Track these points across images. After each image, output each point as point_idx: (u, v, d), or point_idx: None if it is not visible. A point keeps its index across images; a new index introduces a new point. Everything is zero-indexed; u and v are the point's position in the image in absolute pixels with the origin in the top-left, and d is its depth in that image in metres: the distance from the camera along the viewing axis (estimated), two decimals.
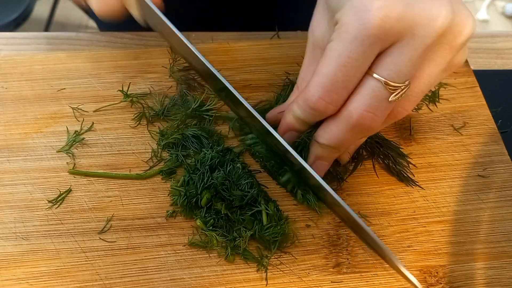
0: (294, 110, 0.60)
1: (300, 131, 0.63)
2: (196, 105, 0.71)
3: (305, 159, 0.62)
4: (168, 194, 0.67)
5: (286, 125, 0.62)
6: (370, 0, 0.51)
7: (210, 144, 0.69)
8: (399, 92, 0.54)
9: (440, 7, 0.52)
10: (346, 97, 0.55)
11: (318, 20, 0.61)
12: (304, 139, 0.62)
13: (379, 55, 0.53)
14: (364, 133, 0.57)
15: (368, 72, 0.54)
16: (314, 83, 0.55)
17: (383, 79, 0.53)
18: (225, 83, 0.63)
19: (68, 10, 2.60)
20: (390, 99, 0.54)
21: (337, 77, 0.54)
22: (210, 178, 0.65)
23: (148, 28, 0.85)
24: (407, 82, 0.54)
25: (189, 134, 0.69)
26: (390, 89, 0.54)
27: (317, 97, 0.55)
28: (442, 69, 0.56)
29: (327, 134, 0.59)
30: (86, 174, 0.68)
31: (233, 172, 0.65)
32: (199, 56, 0.63)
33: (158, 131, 0.71)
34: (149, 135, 0.71)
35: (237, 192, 0.64)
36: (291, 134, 0.63)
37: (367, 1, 0.51)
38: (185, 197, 0.64)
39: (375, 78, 0.54)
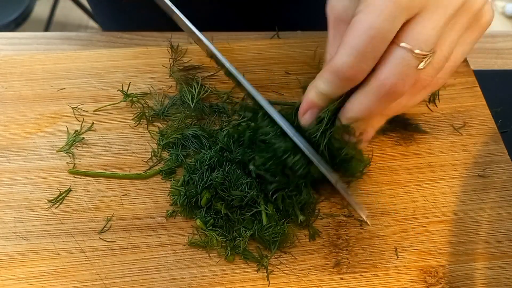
0: (318, 86, 0.61)
1: (320, 108, 0.63)
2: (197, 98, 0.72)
3: None
4: (168, 194, 0.67)
5: (309, 103, 0.63)
6: None
7: (209, 144, 0.69)
8: (427, 59, 0.56)
9: None
10: (373, 66, 0.57)
11: None
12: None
13: (405, 25, 0.55)
14: (392, 100, 0.59)
15: (395, 41, 0.56)
16: (343, 54, 0.56)
17: (412, 48, 0.55)
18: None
19: (68, 10, 2.60)
20: (418, 67, 0.56)
21: (367, 48, 0.55)
22: (210, 178, 0.64)
23: (148, 28, 0.86)
24: (432, 50, 0.56)
25: (189, 134, 0.69)
26: (418, 57, 0.55)
27: (347, 67, 0.56)
28: (461, 35, 0.59)
29: (356, 106, 0.60)
30: (86, 174, 0.68)
31: (231, 172, 0.65)
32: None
33: (157, 131, 0.71)
34: (149, 135, 0.71)
35: (237, 192, 0.63)
36: (312, 112, 0.64)
37: None
38: (185, 197, 0.64)
39: (403, 47, 0.55)
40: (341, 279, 0.62)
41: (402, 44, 0.55)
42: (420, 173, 0.70)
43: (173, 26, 0.84)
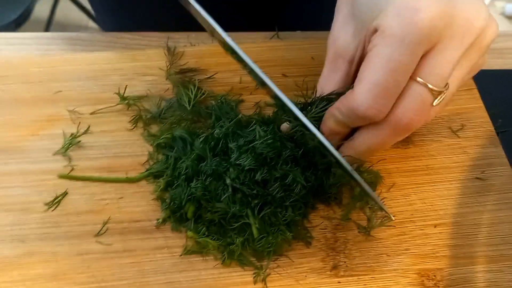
0: (336, 116, 0.60)
1: (342, 134, 0.62)
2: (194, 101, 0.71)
3: None
4: (156, 198, 0.67)
5: (328, 129, 0.62)
6: (408, 2, 0.51)
7: (190, 150, 0.67)
8: (442, 96, 0.55)
9: (479, 8, 0.53)
10: (394, 102, 0.55)
11: (341, 29, 0.61)
12: None
13: (422, 58, 0.53)
14: (405, 135, 0.58)
15: (412, 76, 0.54)
16: (363, 91, 0.54)
17: (429, 84, 0.54)
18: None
19: (68, 11, 2.60)
20: (434, 104, 0.55)
21: (389, 83, 0.53)
22: (190, 190, 0.63)
23: (149, 28, 0.86)
24: (447, 86, 0.55)
25: (177, 135, 0.69)
26: (434, 94, 0.54)
27: (366, 106, 0.54)
28: (469, 71, 0.57)
29: (369, 141, 0.59)
30: (76, 178, 0.67)
31: (209, 184, 0.63)
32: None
33: (148, 133, 0.71)
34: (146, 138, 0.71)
35: (220, 205, 0.62)
36: (334, 138, 0.63)
37: (406, 3, 0.51)
38: (169, 211, 0.64)
39: (420, 83, 0.54)
40: (339, 282, 0.62)
41: (420, 80, 0.54)
42: (418, 176, 0.70)
43: (174, 26, 0.84)
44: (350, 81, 0.62)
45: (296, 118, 0.62)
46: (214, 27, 0.64)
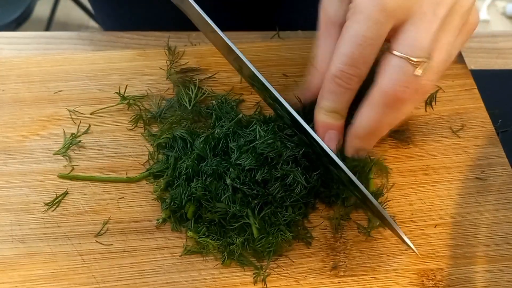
0: (322, 104, 0.62)
1: (338, 128, 0.63)
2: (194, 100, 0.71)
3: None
4: (156, 199, 0.67)
5: (322, 126, 0.63)
6: None
7: (190, 149, 0.68)
8: (424, 65, 0.56)
9: None
10: (366, 71, 0.59)
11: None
12: None
13: (397, 32, 0.57)
14: (398, 108, 0.59)
15: (389, 50, 0.57)
16: (336, 61, 0.59)
17: (405, 55, 0.56)
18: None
19: (68, 10, 2.60)
20: (415, 73, 0.56)
21: (355, 54, 0.57)
22: (190, 190, 0.63)
23: (149, 27, 0.86)
24: (428, 55, 0.56)
25: (177, 135, 0.69)
26: (413, 64, 0.56)
27: (339, 71, 0.58)
28: (457, 35, 0.59)
29: (364, 121, 0.61)
30: (76, 178, 0.68)
31: (210, 184, 0.63)
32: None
33: (147, 132, 0.71)
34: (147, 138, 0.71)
35: (221, 205, 0.62)
36: (332, 134, 0.64)
37: None
38: (169, 211, 0.64)
39: (396, 55, 0.56)
40: (339, 282, 0.62)
41: (396, 53, 0.56)
42: (418, 176, 0.70)
43: (174, 25, 0.84)
44: None
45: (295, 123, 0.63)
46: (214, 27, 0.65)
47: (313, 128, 0.63)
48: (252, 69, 0.64)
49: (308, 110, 0.66)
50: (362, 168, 0.65)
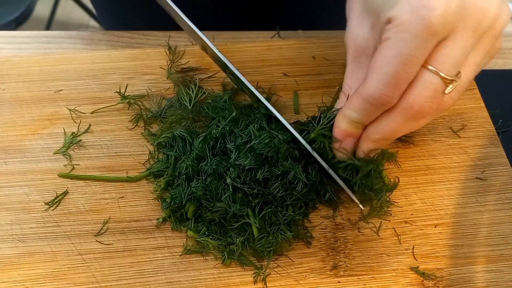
0: (349, 114, 0.61)
1: (357, 136, 0.63)
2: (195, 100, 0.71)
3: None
4: (157, 198, 0.67)
5: (342, 133, 0.63)
6: None
7: (190, 149, 0.68)
8: (454, 84, 0.56)
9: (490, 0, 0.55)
10: (405, 88, 0.57)
11: (358, 26, 0.62)
12: None
13: (435, 47, 0.55)
14: (418, 121, 0.59)
15: (424, 64, 0.56)
16: (375, 81, 0.56)
17: (440, 72, 0.55)
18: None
19: (69, 10, 2.60)
20: (446, 92, 0.57)
21: (400, 74, 0.55)
22: (190, 189, 0.63)
23: (150, 27, 0.86)
24: (459, 74, 0.56)
25: (176, 134, 0.69)
26: (446, 81, 0.56)
27: (379, 93, 0.56)
28: (484, 57, 0.59)
29: (382, 129, 0.60)
30: (76, 177, 0.68)
31: (210, 183, 0.64)
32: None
33: (147, 132, 0.71)
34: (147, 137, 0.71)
35: (221, 205, 0.62)
36: (349, 141, 0.63)
37: None
38: (169, 211, 0.64)
39: (432, 71, 0.56)
40: (339, 282, 0.62)
41: (431, 68, 0.55)
42: (418, 176, 0.70)
43: (174, 25, 0.84)
44: None
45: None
46: (194, 28, 0.65)
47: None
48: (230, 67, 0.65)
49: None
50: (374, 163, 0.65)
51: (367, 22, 0.61)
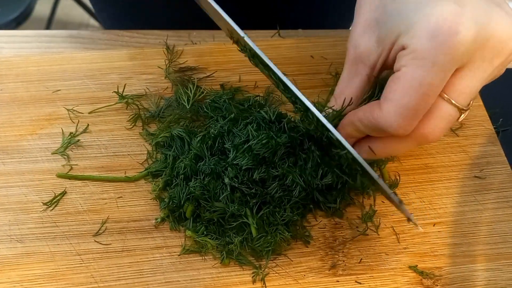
0: (357, 126, 0.59)
1: (358, 138, 0.62)
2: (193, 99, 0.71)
3: None
4: (155, 198, 0.67)
5: (345, 135, 0.61)
6: (443, 22, 0.50)
7: (188, 148, 0.67)
8: (467, 112, 0.55)
9: (510, 29, 0.52)
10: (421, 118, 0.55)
11: (363, 35, 0.59)
12: None
13: (452, 75, 0.53)
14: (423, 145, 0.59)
15: (441, 94, 0.53)
16: (392, 112, 0.53)
17: (457, 104, 0.53)
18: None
19: (69, 9, 2.60)
20: (459, 120, 0.55)
21: (419, 106, 0.52)
22: (189, 189, 0.63)
23: (150, 26, 0.85)
24: (471, 103, 0.55)
25: (175, 134, 0.69)
26: (462, 112, 0.54)
27: (396, 126, 0.53)
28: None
29: (390, 149, 0.59)
30: (74, 177, 0.68)
31: (208, 183, 0.63)
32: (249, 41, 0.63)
33: (145, 131, 0.71)
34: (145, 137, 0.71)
35: (219, 204, 0.62)
36: (350, 141, 0.62)
37: (441, 24, 0.50)
38: (168, 210, 0.64)
39: (449, 102, 0.54)
40: (337, 281, 0.62)
41: (448, 98, 0.53)
42: (417, 175, 0.70)
43: (175, 25, 0.84)
44: (369, 86, 0.62)
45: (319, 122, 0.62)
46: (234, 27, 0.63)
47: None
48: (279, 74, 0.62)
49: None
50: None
51: (374, 33, 0.58)
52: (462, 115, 0.55)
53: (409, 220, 0.58)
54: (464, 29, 0.49)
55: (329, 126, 0.58)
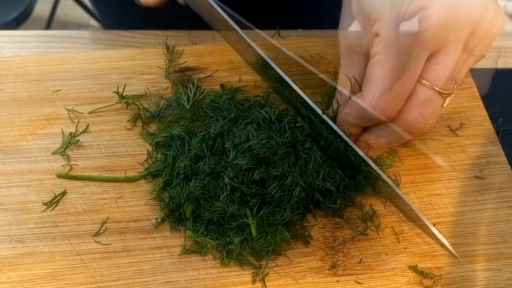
0: (348, 120, 0.61)
1: (355, 134, 0.63)
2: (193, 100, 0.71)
3: None
4: (155, 198, 0.67)
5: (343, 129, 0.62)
6: (410, 9, 0.51)
7: (188, 148, 0.67)
8: (451, 96, 0.56)
9: (486, 5, 0.52)
10: (404, 101, 0.56)
11: (349, 24, 0.60)
12: None
13: (428, 60, 0.53)
14: (414, 135, 0.59)
15: (420, 80, 0.54)
16: (371, 96, 0.55)
17: (437, 88, 0.54)
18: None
19: (69, 9, 2.60)
20: (444, 105, 0.56)
21: (396, 90, 0.54)
22: (189, 189, 0.63)
23: (150, 26, 0.86)
24: (456, 86, 0.55)
25: (175, 133, 0.69)
26: (444, 96, 0.55)
27: (378, 108, 0.55)
28: (475, 61, 0.58)
29: (378, 140, 0.60)
30: (74, 178, 0.68)
31: (208, 183, 0.64)
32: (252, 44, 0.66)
33: (145, 131, 0.71)
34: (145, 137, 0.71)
35: (219, 204, 0.62)
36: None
37: (408, 11, 0.51)
38: (168, 210, 0.64)
39: (428, 87, 0.54)
40: (337, 281, 0.62)
41: (428, 84, 0.54)
42: (416, 175, 0.70)
43: (175, 25, 0.84)
44: None
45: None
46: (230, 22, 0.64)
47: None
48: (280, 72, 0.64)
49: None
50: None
51: (359, 22, 0.60)
52: (447, 99, 0.55)
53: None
54: (431, 14, 0.50)
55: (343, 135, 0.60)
